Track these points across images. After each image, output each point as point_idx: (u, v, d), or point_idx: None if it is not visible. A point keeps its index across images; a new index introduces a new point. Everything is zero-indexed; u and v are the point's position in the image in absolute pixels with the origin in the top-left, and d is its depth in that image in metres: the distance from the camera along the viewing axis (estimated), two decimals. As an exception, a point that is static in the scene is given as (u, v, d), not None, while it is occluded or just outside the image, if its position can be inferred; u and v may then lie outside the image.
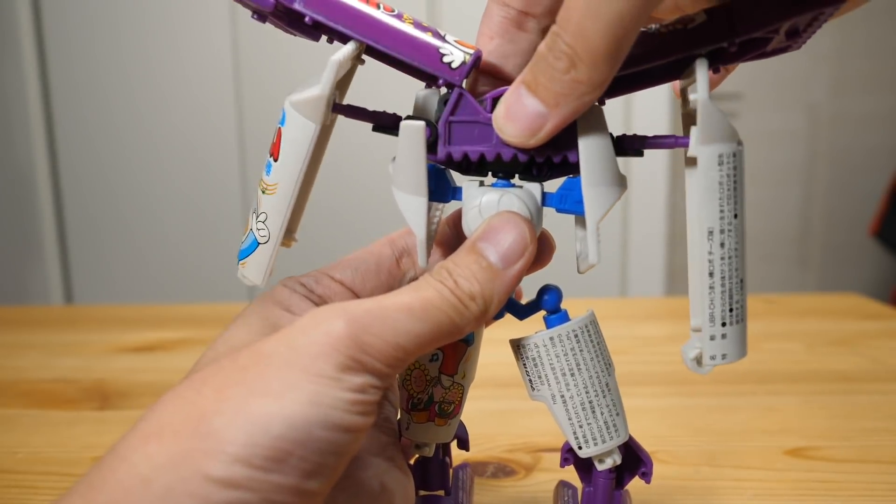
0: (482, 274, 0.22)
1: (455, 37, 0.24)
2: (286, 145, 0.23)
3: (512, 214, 0.23)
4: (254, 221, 0.25)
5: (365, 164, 1.39)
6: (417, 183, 0.23)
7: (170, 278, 1.53)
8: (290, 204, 0.24)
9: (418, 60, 0.22)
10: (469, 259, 0.22)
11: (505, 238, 0.22)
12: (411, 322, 0.20)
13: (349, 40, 0.23)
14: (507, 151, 0.23)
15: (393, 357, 0.20)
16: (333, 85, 0.23)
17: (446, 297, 0.21)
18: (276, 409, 0.18)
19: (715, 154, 0.21)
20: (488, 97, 0.23)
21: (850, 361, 0.56)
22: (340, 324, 0.20)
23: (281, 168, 0.24)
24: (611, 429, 0.25)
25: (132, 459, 0.18)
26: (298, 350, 0.19)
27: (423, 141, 0.23)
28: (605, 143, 0.23)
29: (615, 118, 1.40)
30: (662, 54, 0.22)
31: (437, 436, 0.27)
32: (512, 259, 0.22)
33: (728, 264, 0.22)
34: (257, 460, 0.18)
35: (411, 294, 0.21)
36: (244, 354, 0.20)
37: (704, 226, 0.22)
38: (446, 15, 1.43)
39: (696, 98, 0.21)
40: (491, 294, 0.22)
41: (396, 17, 0.23)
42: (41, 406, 0.50)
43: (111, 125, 1.49)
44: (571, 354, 0.24)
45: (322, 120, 0.23)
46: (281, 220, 0.24)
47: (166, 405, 0.20)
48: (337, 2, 0.22)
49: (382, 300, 0.21)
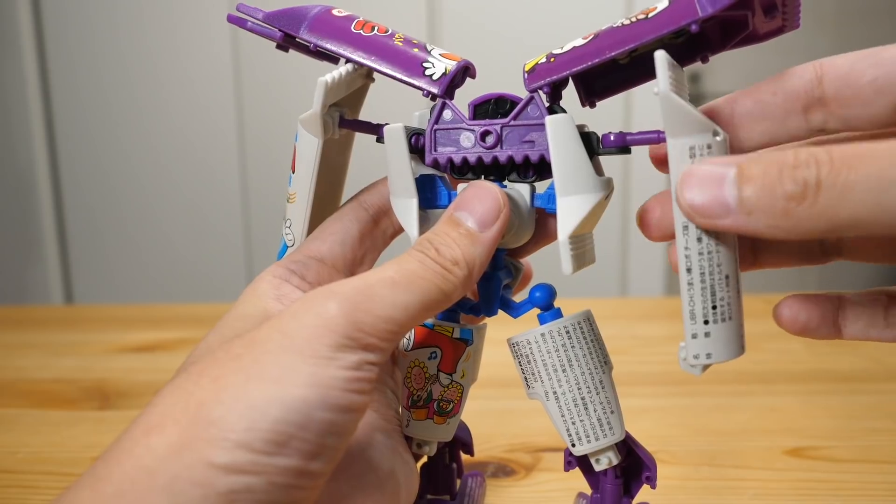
0: (462, 239, 0.23)
1: (443, 50, 0.25)
2: (298, 159, 0.26)
3: (482, 182, 0.24)
4: (284, 228, 0.28)
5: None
6: (405, 185, 0.25)
7: (170, 278, 1.53)
8: (307, 210, 0.27)
9: (402, 74, 0.24)
10: (447, 227, 0.23)
11: (479, 204, 0.23)
12: (399, 294, 0.21)
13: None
14: (488, 155, 0.24)
15: (385, 331, 0.20)
16: (324, 103, 0.24)
17: (429, 266, 0.22)
18: (275, 392, 0.19)
19: (685, 147, 0.21)
20: (470, 104, 0.25)
21: (850, 361, 0.56)
22: (332, 304, 0.20)
23: (297, 179, 0.27)
24: (604, 426, 0.25)
25: (136, 452, 0.18)
26: (292, 334, 0.20)
27: (404, 141, 0.24)
28: (575, 150, 0.23)
29: (615, 118, 1.40)
30: (625, 44, 0.21)
31: (436, 434, 0.27)
32: (488, 221, 0.23)
33: (708, 260, 0.21)
34: (259, 444, 0.18)
35: (395, 268, 0.22)
36: (237, 343, 0.20)
37: (679, 220, 0.21)
38: (447, 15, 1.43)
39: (657, 91, 0.20)
40: (473, 257, 0.23)
41: (388, 36, 0.25)
42: (41, 406, 0.50)
43: (111, 125, 1.49)
44: (563, 351, 0.24)
45: (322, 134, 0.25)
46: (302, 224, 0.27)
47: (165, 397, 0.20)
48: (332, 28, 0.25)
49: (368, 277, 0.21)
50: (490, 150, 0.24)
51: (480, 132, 0.24)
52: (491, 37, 1.40)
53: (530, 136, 0.24)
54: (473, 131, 0.24)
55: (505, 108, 0.24)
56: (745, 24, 0.22)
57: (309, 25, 0.25)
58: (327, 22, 0.25)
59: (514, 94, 0.24)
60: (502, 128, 0.24)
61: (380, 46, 0.25)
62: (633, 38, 0.21)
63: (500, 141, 0.24)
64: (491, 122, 0.24)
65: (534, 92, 0.23)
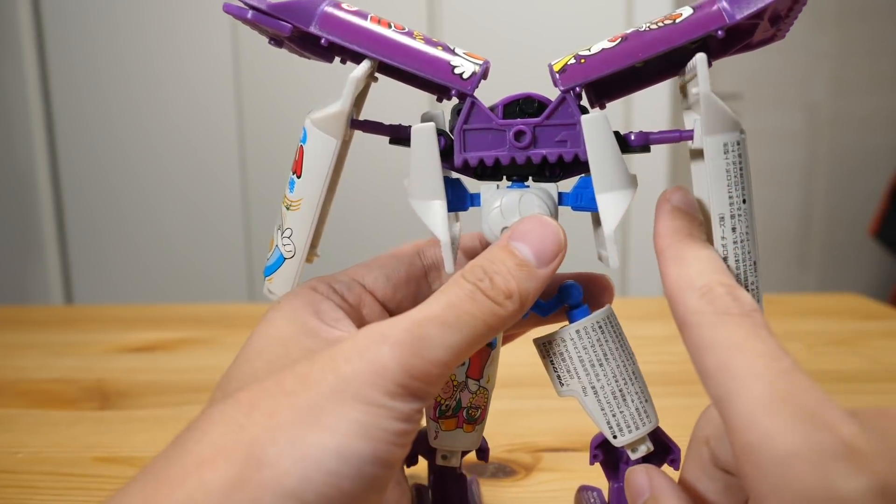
0: (518, 272, 0.22)
1: (463, 49, 0.25)
2: (309, 161, 0.24)
3: (541, 217, 0.23)
4: (279, 238, 0.26)
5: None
6: (434, 186, 0.24)
7: (170, 278, 1.53)
8: (315, 218, 0.25)
9: (431, 74, 0.24)
10: (504, 256, 0.22)
11: (540, 238, 0.23)
12: (448, 334, 0.20)
13: (363, 59, 0.24)
14: (521, 155, 0.24)
15: (435, 375, 0.20)
16: (353, 101, 0.24)
17: (479, 300, 0.21)
18: (331, 443, 0.18)
19: (720, 143, 0.22)
20: (499, 104, 0.24)
21: (850, 361, 0.56)
22: (385, 350, 0.20)
23: (304, 184, 0.25)
24: (643, 415, 0.25)
25: (188, 484, 0.18)
26: (347, 378, 0.19)
27: (435, 141, 0.24)
28: (612, 148, 0.23)
29: (616, 118, 1.40)
30: (655, 48, 0.23)
31: (466, 442, 0.27)
32: (547, 258, 0.22)
33: (741, 248, 0.22)
34: (311, 497, 0.18)
35: (444, 302, 0.21)
36: (289, 379, 0.20)
37: (716, 212, 0.22)
38: (447, 14, 1.42)
39: (699, 91, 0.22)
40: (527, 292, 0.22)
41: (408, 34, 0.24)
42: (41, 406, 0.50)
43: (111, 125, 1.49)
44: (598, 345, 0.25)
45: (342, 135, 0.24)
46: (306, 234, 0.25)
47: (215, 425, 0.19)
48: (351, 24, 0.24)
49: (416, 315, 0.20)
50: (524, 150, 0.24)
51: (514, 131, 0.24)
52: (491, 37, 1.40)
53: (562, 135, 0.24)
54: (505, 131, 0.24)
55: (533, 107, 0.24)
56: (751, 33, 0.23)
57: (321, 19, 0.24)
58: (342, 17, 0.24)
59: (541, 95, 0.24)
60: (535, 127, 0.24)
61: (404, 44, 0.24)
62: (664, 42, 0.23)
63: (533, 141, 0.24)
64: (524, 122, 0.24)
65: (567, 92, 0.24)
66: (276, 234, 0.26)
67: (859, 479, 0.16)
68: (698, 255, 0.22)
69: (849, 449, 0.16)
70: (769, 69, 1.89)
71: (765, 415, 0.17)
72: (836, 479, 0.16)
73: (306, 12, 0.24)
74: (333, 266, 0.28)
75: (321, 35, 0.24)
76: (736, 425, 0.18)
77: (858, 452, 0.16)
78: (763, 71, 1.89)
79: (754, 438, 0.17)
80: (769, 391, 0.18)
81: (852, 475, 0.16)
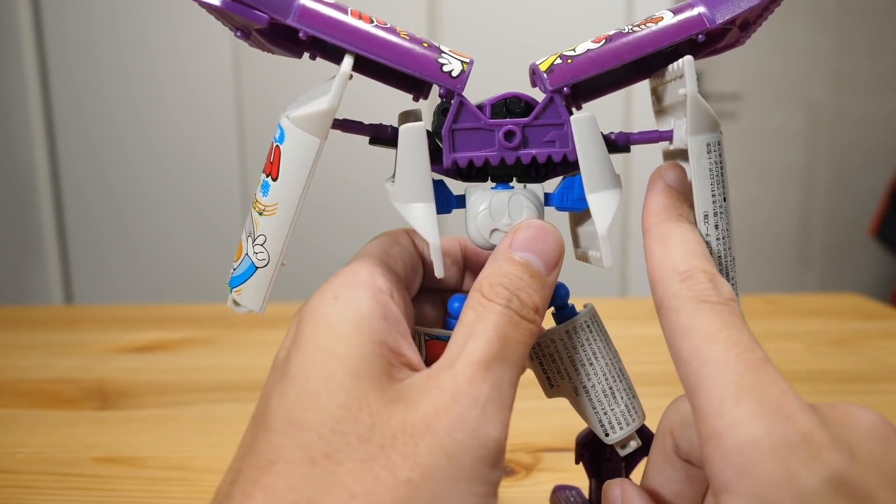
0: (535, 283, 0.22)
1: (449, 47, 0.24)
2: (287, 163, 0.23)
3: (539, 223, 0.23)
4: (249, 245, 0.24)
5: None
6: (422, 189, 0.23)
7: (170, 278, 1.53)
8: (293, 224, 0.23)
9: (419, 71, 0.23)
10: (516, 268, 0.22)
11: (544, 245, 0.22)
12: (511, 370, 0.20)
13: (342, 56, 0.23)
14: (511, 155, 0.24)
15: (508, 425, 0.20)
16: (341, 98, 0.22)
17: (518, 323, 0.21)
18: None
19: (704, 143, 0.23)
20: (487, 103, 0.24)
21: (850, 361, 0.56)
22: (479, 415, 0.19)
23: (281, 188, 0.23)
24: (632, 412, 0.26)
25: None
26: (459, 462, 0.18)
27: (425, 141, 0.23)
28: (601, 148, 0.23)
29: (616, 118, 1.40)
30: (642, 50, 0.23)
31: None
32: (552, 264, 0.22)
33: (723, 244, 0.23)
34: None
35: (491, 335, 0.20)
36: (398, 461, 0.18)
37: (700, 210, 0.23)
38: (447, 14, 1.43)
39: (686, 92, 0.22)
40: (545, 302, 0.22)
41: (391, 30, 0.23)
42: (41, 406, 0.50)
43: (111, 125, 1.49)
44: (588, 344, 0.25)
45: (327, 135, 0.23)
46: (282, 241, 0.23)
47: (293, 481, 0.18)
48: (333, 18, 0.23)
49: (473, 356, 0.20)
50: (514, 150, 0.24)
51: (504, 131, 0.24)
52: (490, 36, 1.40)
53: (550, 135, 0.24)
54: (494, 131, 0.24)
55: (520, 107, 0.24)
56: (720, 38, 0.24)
57: (300, 12, 0.22)
58: (322, 10, 0.23)
59: (527, 94, 0.24)
60: (524, 127, 0.24)
61: (390, 41, 0.23)
62: (650, 44, 0.23)
63: (523, 141, 0.24)
64: (514, 122, 0.24)
65: (555, 92, 0.23)
66: (246, 241, 0.24)
67: (817, 469, 0.17)
68: (684, 238, 0.22)
69: (807, 441, 0.17)
70: (769, 69, 1.89)
71: (733, 404, 0.18)
72: (796, 468, 0.17)
73: (283, 3, 0.22)
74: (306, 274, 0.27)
75: (300, 28, 0.22)
76: (704, 412, 0.18)
77: (816, 444, 0.17)
78: (763, 71, 1.89)
79: (721, 426, 0.18)
80: (738, 381, 0.18)
81: (810, 465, 0.17)
